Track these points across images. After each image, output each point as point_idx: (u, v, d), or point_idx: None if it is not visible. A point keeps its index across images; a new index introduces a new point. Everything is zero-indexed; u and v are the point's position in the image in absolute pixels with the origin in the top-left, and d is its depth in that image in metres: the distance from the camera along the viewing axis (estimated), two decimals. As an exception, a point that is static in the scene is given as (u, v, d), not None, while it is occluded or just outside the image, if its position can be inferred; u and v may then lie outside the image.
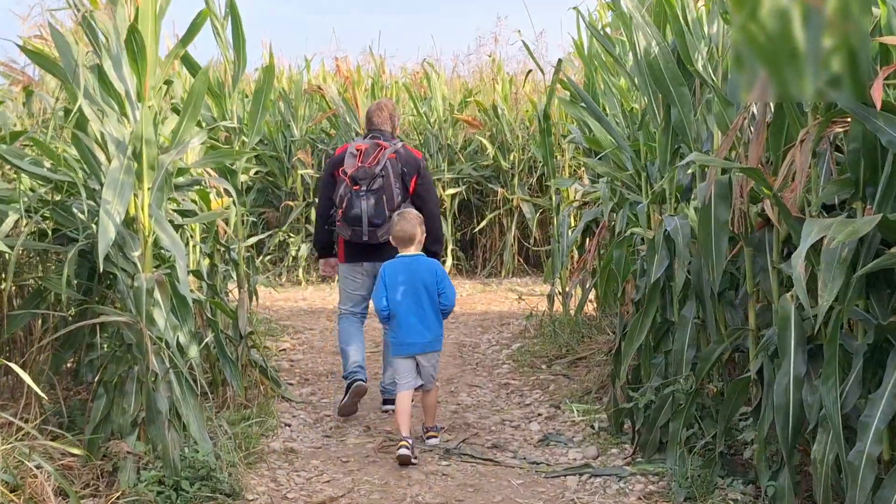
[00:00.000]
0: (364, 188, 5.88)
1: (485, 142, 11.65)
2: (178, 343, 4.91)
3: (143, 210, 4.71)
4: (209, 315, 6.02)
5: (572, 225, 8.26)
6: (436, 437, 5.51)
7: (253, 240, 11.71)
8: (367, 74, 12.25)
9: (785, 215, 3.89)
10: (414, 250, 5.50)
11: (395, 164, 5.96)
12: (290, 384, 6.95)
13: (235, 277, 6.45)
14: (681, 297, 4.96)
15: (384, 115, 6.27)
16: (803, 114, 3.87)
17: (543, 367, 7.16)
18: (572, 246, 7.89)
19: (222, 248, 6.46)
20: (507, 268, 11.70)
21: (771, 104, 4.10)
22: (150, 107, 4.67)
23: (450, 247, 11.81)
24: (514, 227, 11.71)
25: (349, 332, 6.30)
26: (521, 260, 11.91)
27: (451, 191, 11.79)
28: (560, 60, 7.05)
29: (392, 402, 5.83)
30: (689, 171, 4.82)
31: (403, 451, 5.10)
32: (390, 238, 5.61)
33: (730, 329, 4.48)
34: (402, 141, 6.31)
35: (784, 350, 3.87)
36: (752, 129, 4.25)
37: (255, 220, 12.46)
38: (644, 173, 5.41)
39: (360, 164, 5.91)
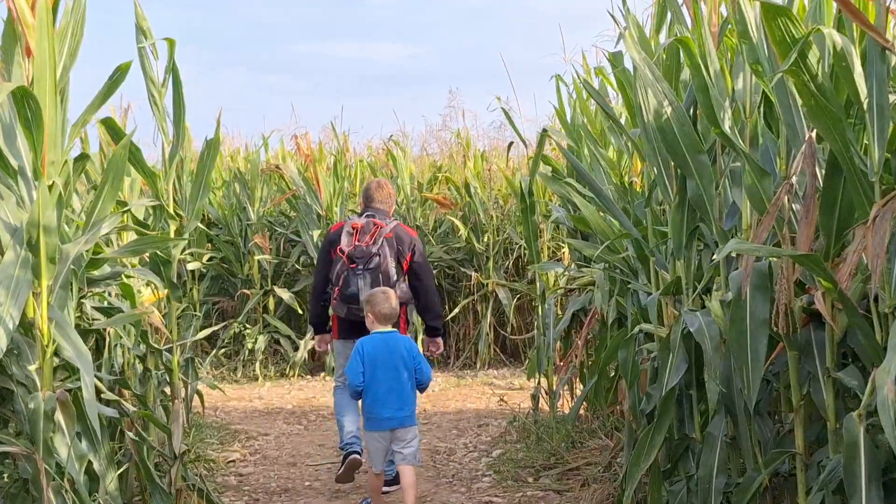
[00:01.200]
0: (361, 266, 5.99)
1: (457, 222, 10.84)
2: (90, 472, 3.99)
3: (41, 313, 3.80)
4: (140, 431, 5.09)
5: (558, 315, 7.40)
6: None
7: (204, 333, 10.78)
8: (329, 152, 11.45)
9: (850, 312, 3.04)
10: (391, 328, 5.65)
11: (391, 242, 6.08)
12: (237, 506, 5.97)
13: (169, 385, 5.48)
14: (703, 409, 4.10)
15: (384, 192, 6.38)
16: (869, 184, 3.06)
17: (530, 479, 6.22)
18: (558, 339, 7.01)
19: (155, 351, 5.50)
20: (483, 358, 10.79)
21: (820, 173, 3.29)
22: (49, 186, 3.79)
23: (420, 336, 10.88)
24: (489, 314, 10.83)
25: (343, 404, 6.33)
26: (498, 349, 11.01)
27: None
28: (545, 129, 6.27)
29: (390, 483, 6.08)
30: (714, 257, 3.96)
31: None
32: (371, 314, 5.61)
33: (772, 452, 3.60)
34: (397, 220, 6.34)
35: (853, 486, 2.99)
36: (794, 205, 3.43)
37: (209, 309, 11.53)
38: (652, 258, 4.56)
39: (356, 243, 6.04)
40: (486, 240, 10.96)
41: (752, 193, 3.60)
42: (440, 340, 6.68)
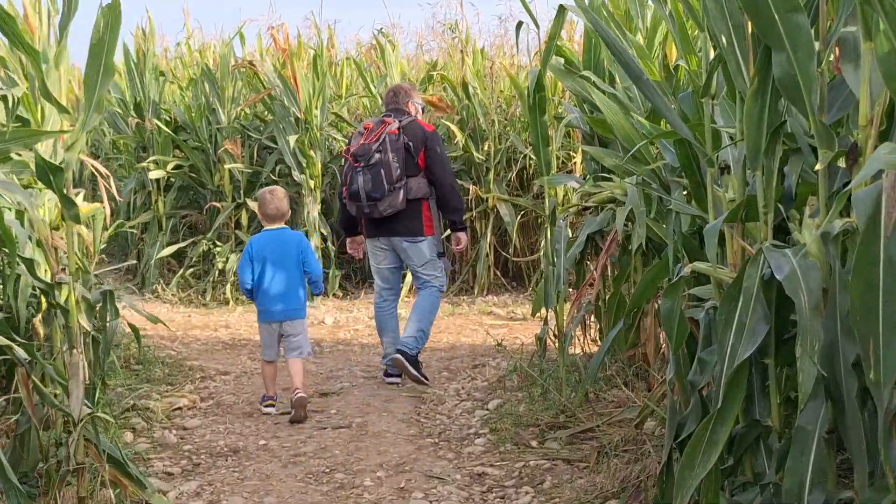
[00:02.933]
0: (362, 164, 6.13)
1: (453, 128, 9.49)
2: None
3: None
4: (39, 385, 3.94)
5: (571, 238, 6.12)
6: (303, 393, 5.80)
7: (169, 250, 9.56)
8: (310, 47, 10.05)
9: None
10: (280, 224, 5.99)
11: (395, 139, 6.15)
12: (169, 474, 4.79)
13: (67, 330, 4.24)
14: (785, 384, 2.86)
15: (402, 92, 6.56)
16: None
17: (534, 443, 5.02)
18: (571, 268, 5.75)
19: (49, 286, 4.25)
20: (481, 283, 9.56)
21: None
22: None
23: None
24: (489, 234, 9.56)
25: (383, 320, 6.63)
26: (498, 272, 9.77)
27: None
28: (562, 7, 4.90)
29: (394, 375, 6.41)
30: (818, 167, 2.66)
31: (268, 410, 5.83)
32: (259, 213, 6.15)
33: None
34: (412, 117, 6.38)
35: None
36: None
37: (176, 223, 10.31)
38: (711, 168, 3.26)
39: (362, 142, 6.21)
40: (486, 148, 9.64)
41: (889, 70, 2.29)
42: (462, 235, 6.59)
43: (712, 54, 3.52)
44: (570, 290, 6.51)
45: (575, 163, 8.95)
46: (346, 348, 7.65)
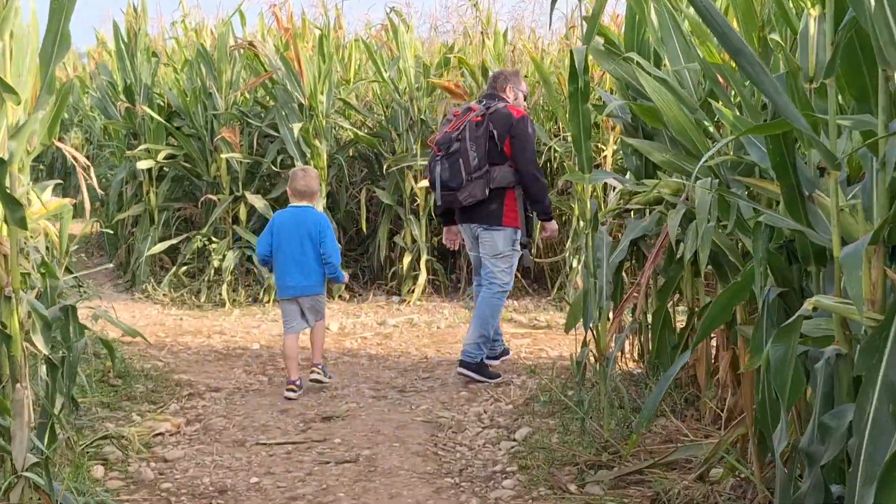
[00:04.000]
0: (442, 153, 6.06)
1: (471, 116, 8.69)
2: None
3: None
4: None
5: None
6: (319, 373, 6.06)
7: (160, 247, 8.80)
8: (316, 26, 9.26)
9: None
10: (307, 203, 6.03)
11: (475, 127, 5.98)
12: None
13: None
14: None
15: (501, 77, 6.35)
16: None
17: (572, 487, 4.25)
18: (613, 279, 4.96)
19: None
20: (501, 286, 8.76)
21: None
22: None
23: (423, 256, 8.88)
24: (509, 232, 8.78)
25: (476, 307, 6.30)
26: (519, 274, 8.98)
27: (424, 183, 8.84)
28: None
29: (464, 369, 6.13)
30: None
31: (289, 395, 5.83)
32: (288, 189, 6.17)
33: None
34: (506, 103, 6.14)
35: None
36: None
37: (168, 217, 9.56)
38: (835, 171, 2.48)
39: (446, 131, 6.13)
40: (507, 139, 8.83)
41: None
42: (549, 224, 6.36)
43: (814, 27, 2.77)
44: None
45: (605, 157, 8.16)
46: (352, 360, 6.89)
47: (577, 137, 4.59)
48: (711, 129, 4.80)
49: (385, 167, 8.93)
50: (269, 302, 8.78)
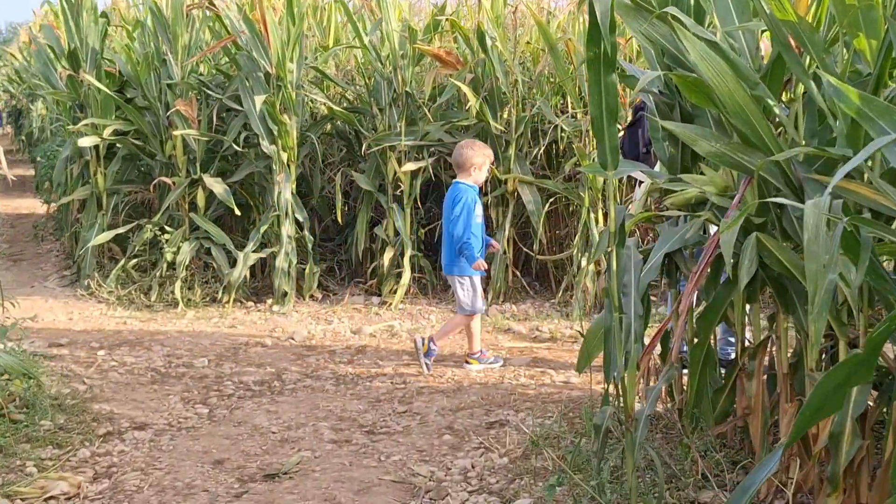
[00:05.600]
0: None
1: (464, 89, 7.45)
2: None
3: None
4: None
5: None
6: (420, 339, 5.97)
7: (104, 237, 7.65)
8: (285, -17, 8.01)
9: None
10: (460, 176, 5.97)
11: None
12: None
13: None
14: None
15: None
16: None
17: None
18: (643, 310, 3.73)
19: None
20: (497, 287, 7.57)
21: None
22: None
23: (408, 252, 7.66)
24: (507, 224, 7.57)
25: None
26: (517, 272, 7.78)
27: (410, 166, 7.62)
28: None
29: None
30: None
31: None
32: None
33: None
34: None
35: None
36: None
37: (118, 202, 8.37)
38: None
39: None
40: (505, 116, 7.61)
41: None
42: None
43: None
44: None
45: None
46: (314, 384, 5.69)
47: (597, 119, 3.36)
48: (776, 108, 3.60)
49: (364, 147, 7.70)
50: (228, 302, 7.58)
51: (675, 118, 4.16)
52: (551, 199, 7.45)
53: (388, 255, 7.65)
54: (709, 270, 3.81)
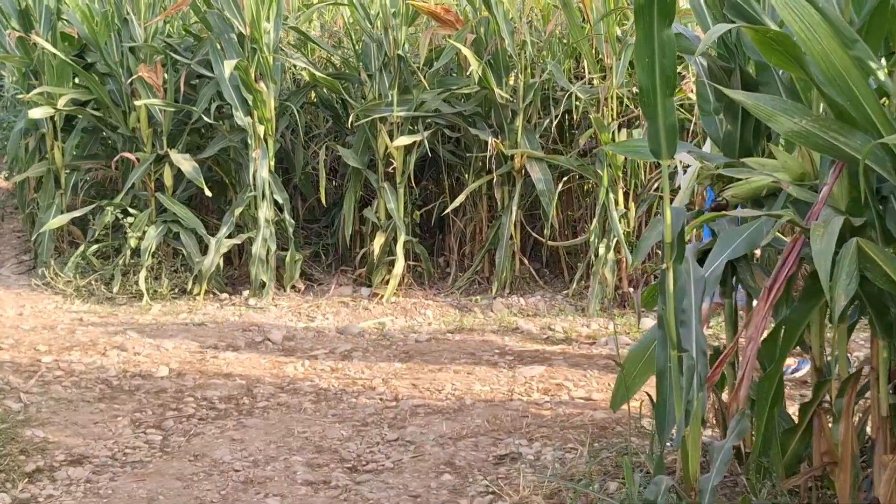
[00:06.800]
0: None
1: (465, 51, 6.54)
2: None
3: None
4: None
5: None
6: None
7: (60, 220, 6.81)
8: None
9: None
10: None
11: None
12: None
13: None
14: None
15: None
16: None
17: None
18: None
19: None
20: (503, 277, 6.69)
21: None
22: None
23: (401, 237, 6.79)
24: (514, 207, 6.68)
25: None
26: (526, 261, 6.90)
27: (403, 140, 6.72)
28: None
29: None
30: None
31: None
32: None
33: None
34: None
35: None
36: None
37: (78, 180, 7.48)
38: None
39: None
40: (512, 83, 6.71)
41: None
42: None
43: None
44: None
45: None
46: (290, 401, 4.83)
47: (649, 90, 2.49)
48: (880, 74, 2.73)
49: (352, 118, 6.80)
50: (199, 294, 6.72)
51: (735, 85, 3.29)
52: (565, 178, 6.57)
53: (378, 240, 6.77)
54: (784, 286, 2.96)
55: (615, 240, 6.19)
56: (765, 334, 2.90)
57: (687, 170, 3.73)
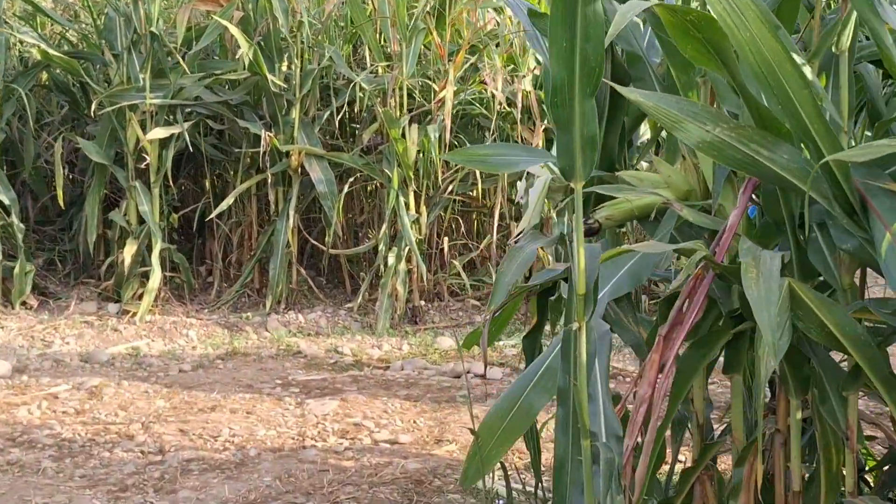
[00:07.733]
0: None
1: (233, 31, 5.68)
2: None
3: None
4: None
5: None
6: None
7: None
8: None
9: None
10: None
11: None
12: None
13: None
14: None
15: None
16: None
17: None
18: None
19: None
20: (278, 290, 5.90)
21: None
22: None
23: (157, 245, 5.83)
24: (291, 211, 5.89)
25: None
26: (304, 272, 6.13)
27: (158, 132, 5.77)
28: None
29: None
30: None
31: None
32: None
33: None
34: None
35: None
36: None
37: None
38: None
39: None
40: (286, 69, 5.91)
41: None
42: None
43: None
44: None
45: (442, 99, 5.44)
46: (24, 458, 3.83)
47: (563, 84, 1.84)
48: (808, 72, 2.21)
49: (94, 105, 5.77)
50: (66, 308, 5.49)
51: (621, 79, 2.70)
52: (351, 178, 5.86)
53: (129, 248, 5.79)
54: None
55: (406, 248, 5.55)
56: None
57: (530, 179, 3.12)
